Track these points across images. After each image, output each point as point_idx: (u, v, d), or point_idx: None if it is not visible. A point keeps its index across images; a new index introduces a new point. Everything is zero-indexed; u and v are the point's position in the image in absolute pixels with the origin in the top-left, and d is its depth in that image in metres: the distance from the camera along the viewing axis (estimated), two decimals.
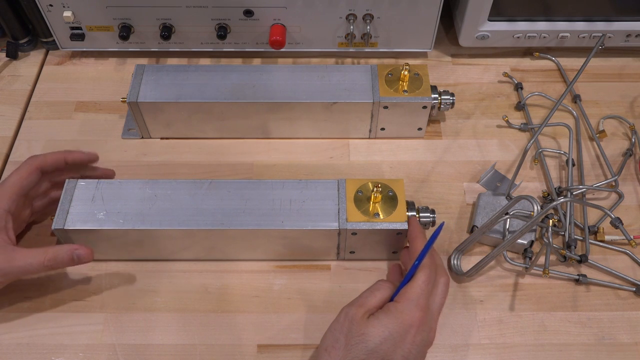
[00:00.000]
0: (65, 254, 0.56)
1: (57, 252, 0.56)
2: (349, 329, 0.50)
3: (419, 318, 0.50)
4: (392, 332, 0.49)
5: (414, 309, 0.50)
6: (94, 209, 0.60)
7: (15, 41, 0.83)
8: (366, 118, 0.72)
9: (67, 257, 0.56)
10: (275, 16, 0.77)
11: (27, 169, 0.60)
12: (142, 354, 0.59)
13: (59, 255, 0.56)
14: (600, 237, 0.66)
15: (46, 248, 0.56)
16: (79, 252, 0.56)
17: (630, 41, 0.81)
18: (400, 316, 0.50)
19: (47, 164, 0.61)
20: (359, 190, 0.62)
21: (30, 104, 0.79)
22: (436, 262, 0.55)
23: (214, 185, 0.62)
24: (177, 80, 0.71)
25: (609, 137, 0.76)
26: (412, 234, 0.58)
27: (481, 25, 0.79)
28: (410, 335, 0.50)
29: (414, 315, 0.50)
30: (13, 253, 0.56)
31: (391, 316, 0.50)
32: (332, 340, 0.50)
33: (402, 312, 0.50)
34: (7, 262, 0.55)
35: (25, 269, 0.56)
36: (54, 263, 0.56)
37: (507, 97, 0.81)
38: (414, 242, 0.57)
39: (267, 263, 0.65)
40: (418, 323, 0.50)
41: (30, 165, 0.60)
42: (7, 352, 0.59)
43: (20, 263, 0.55)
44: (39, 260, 0.55)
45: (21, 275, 0.58)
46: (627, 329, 0.61)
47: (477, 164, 0.73)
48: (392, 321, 0.50)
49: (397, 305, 0.51)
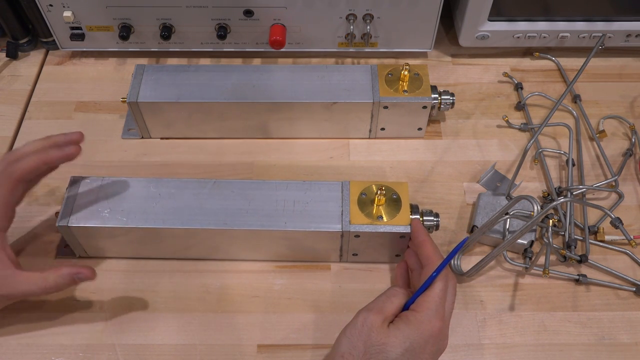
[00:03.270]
0: (66, 280, 0.55)
1: (57, 279, 0.55)
2: (368, 336, 0.49)
3: (438, 328, 0.50)
4: (413, 343, 0.49)
5: (433, 319, 0.50)
6: (98, 206, 0.60)
7: (15, 41, 0.83)
8: (366, 118, 0.72)
9: (68, 281, 0.55)
10: (275, 16, 0.77)
11: (9, 186, 0.56)
12: (142, 354, 0.59)
13: (59, 282, 0.55)
14: (600, 237, 0.66)
15: (47, 274, 0.55)
16: (81, 276, 0.55)
17: (630, 41, 0.81)
18: (421, 326, 0.50)
19: (26, 173, 0.57)
20: (363, 193, 0.62)
21: (30, 104, 0.79)
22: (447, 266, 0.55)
23: (217, 185, 0.62)
24: (177, 80, 0.71)
25: (609, 137, 0.76)
26: (420, 238, 0.58)
27: (481, 25, 0.79)
28: (429, 346, 0.50)
29: (434, 325, 0.50)
30: (15, 277, 0.55)
31: (412, 327, 0.50)
32: (349, 346, 0.49)
33: (423, 322, 0.50)
34: (11, 287, 0.55)
35: (28, 294, 0.55)
36: (56, 288, 0.55)
37: (507, 97, 0.81)
38: (423, 247, 0.56)
39: (267, 263, 0.65)
40: (437, 333, 0.50)
41: (10, 181, 0.56)
42: (7, 352, 0.59)
43: (23, 288, 0.55)
44: (41, 286, 0.55)
45: (23, 298, 0.58)
46: (627, 329, 0.61)
47: (477, 164, 0.73)
48: (413, 332, 0.49)
49: (417, 315, 0.50)
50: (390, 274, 0.64)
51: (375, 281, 0.64)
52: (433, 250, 0.56)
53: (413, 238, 0.59)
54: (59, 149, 0.58)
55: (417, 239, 0.58)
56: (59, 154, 0.58)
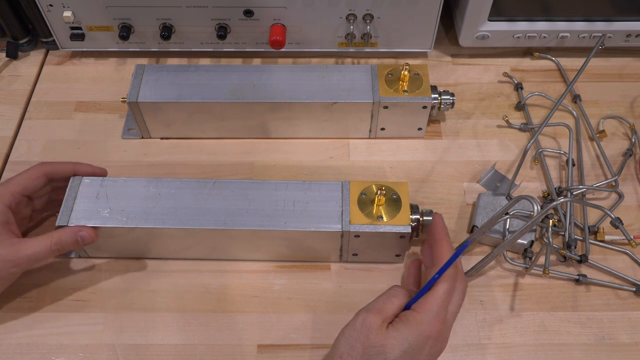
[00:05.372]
0: (69, 237, 0.57)
1: (61, 235, 0.57)
2: (367, 338, 0.49)
3: (437, 330, 0.50)
4: (411, 344, 0.49)
5: (433, 320, 0.50)
6: (98, 206, 0.60)
7: (15, 41, 0.83)
8: (366, 118, 0.72)
9: (71, 239, 0.58)
10: (275, 16, 0.77)
11: (35, 173, 0.60)
12: (142, 354, 0.59)
13: (63, 238, 0.57)
14: (600, 237, 0.66)
15: (51, 233, 0.57)
16: (83, 234, 0.58)
17: (630, 41, 0.81)
18: (420, 327, 0.49)
19: (55, 172, 0.62)
20: (363, 193, 0.62)
21: (30, 104, 0.79)
22: (457, 267, 0.54)
23: (217, 185, 0.62)
24: (177, 80, 0.71)
25: (609, 137, 0.76)
26: (438, 235, 0.57)
27: (481, 25, 0.79)
28: (427, 347, 0.49)
29: (433, 327, 0.49)
30: (19, 244, 0.57)
31: (411, 327, 0.49)
32: (348, 347, 0.49)
33: (422, 323, 0.49)
34: (16, 252, 0.56)
35: (34, 257, 0.57)
36: (60, 246, 0.57)
37: (507, 97, 0.81)
38: (438, 245, 0.56)
39: (267, 263, 0.65)
40: (436, 335, 0.50)
41: (39, 170, 0.61)
42: (7, 352, 0.59)
43: (28, 252, 0.56)
44: (46, 245, 0.57)
45: (32, 264, 0.58)
46: (627, 329, 0.61)
47: (477, 164, 0.73)
48: (411, 333, 0.49)
49: (416, 316, 0.50)
50: (390, 274, 0.64)
51: (375, 281, 0.64)
52: (448, 250, 0.55)
53: (433, 232, 0.58)
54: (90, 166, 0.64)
55: (436, 234, 0.57)
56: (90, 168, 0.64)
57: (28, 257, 0.56)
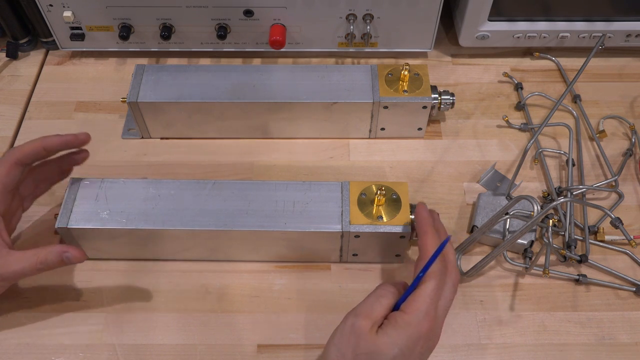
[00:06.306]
0: (54, 257, 0.55)
1: (47, 255, 0.55)
2: (357, 344, 0.48)
3: (427, 329, 0.49)
4: (401, 348, 0.48)
5: (422, 321, 0.49)
6: (97, 208, 0.60)
7: (15, 41, 0.83)
8: (366, 118, 0.72)
9: (56, 259, 0.55)
10: (275, 16, 0.77)
11: (6, 166, 0.57)
12: (142, 354, 0.59)
13: (49, 258, 0.55)
14: (600, 237, 0.66)
15: (38, 250, 0.55)
16: (68, 255, 0.55)
17: (630, 41, 0.81)
18: (409, 329, 0.49)
19: (24, 155, 0.58)
20: (363, 193, 0.62)
21: (30, 104, 0.79)
22: (448, 258, 0.53)
23: (217, 185, 0.62)
24: (177, 80, 0.71)
25: (609, 137, 0.76)
26: (420, 228, 0.55)
27: (481, 25, 0.79)
28: (418, 347, 0.49)
29: (422, 327, 0.49)
30: (8, 257, 0.55)
31: (400, 331, 0.48)
32: (338, 354, 0.49)
33: (411, 325, 0.49)
34: (4, 267, 0.54)
35: (20, 273, 0.55)
36: (45, 266, 0.55)
37: (507, 97, 0.81)
38: (422, 239, 0.54)
39: (267, 263, 0.65)
40: (426, 334, 0.49)
41: (8, 161, 0.57)
42: (7, 352, 0.59)
43: (15, 267, 0.54)
44: (32, 263, 0.54)
45: (18, 279, 0.57)
46: (627, 329, 0.61)
47: (477, 164, 0.73)
48: (401, 337, 0.48)
49: (405, 318, 0.49)
50: (390, 274, 0.64)
51: (375, 281, 0.64)
52: (433, 243, 0.53)
53: (416, 224, 0.56)
54: (57, 136, 0.59)
55: (418, 226, 0.56)
56: (57, 138, 0.59)
57: (15, 273, 0.55)
